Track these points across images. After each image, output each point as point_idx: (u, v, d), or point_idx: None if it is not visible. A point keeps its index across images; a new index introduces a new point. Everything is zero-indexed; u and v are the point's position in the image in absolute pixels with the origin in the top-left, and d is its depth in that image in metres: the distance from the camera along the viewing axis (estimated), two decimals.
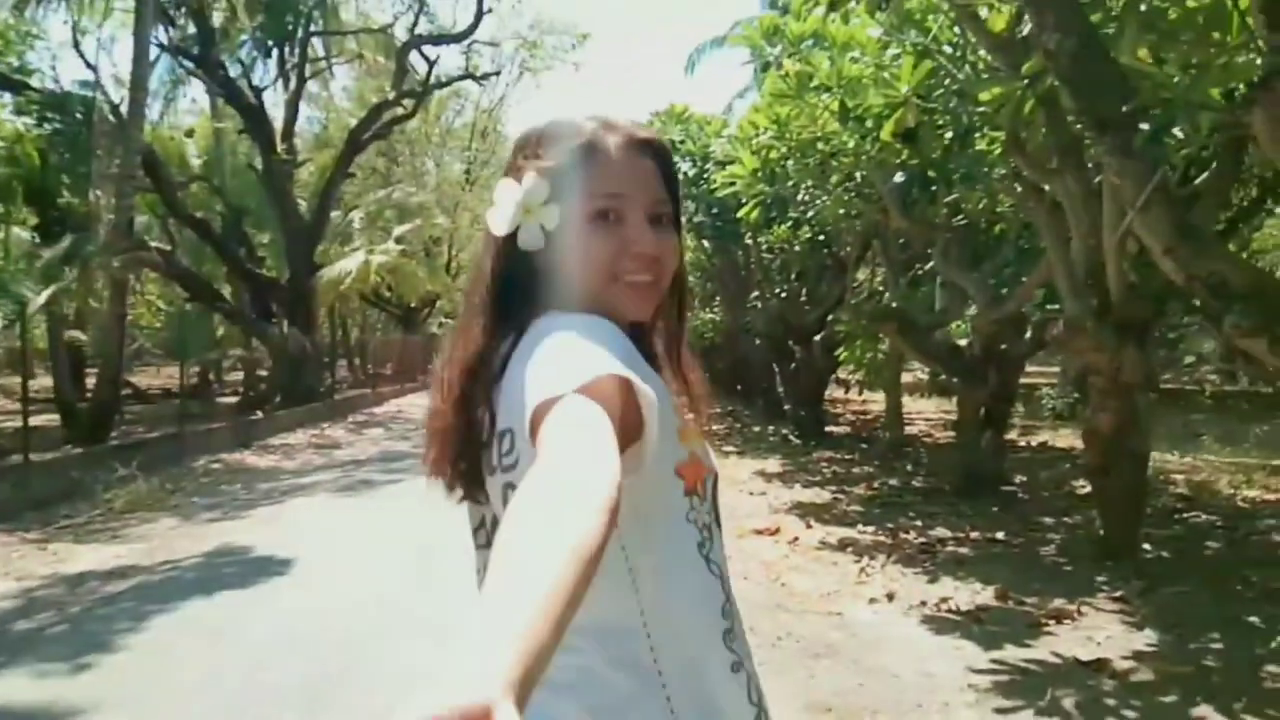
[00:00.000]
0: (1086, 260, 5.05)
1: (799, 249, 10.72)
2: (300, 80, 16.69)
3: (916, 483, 8.38)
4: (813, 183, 7.11)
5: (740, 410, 16.67)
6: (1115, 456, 5.22)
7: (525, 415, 0.80)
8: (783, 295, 12.88)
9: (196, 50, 14.39)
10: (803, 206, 7.85)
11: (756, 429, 12.93)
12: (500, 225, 0.98)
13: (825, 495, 7.82)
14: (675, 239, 1.02)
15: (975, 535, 6.07)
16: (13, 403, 9.16)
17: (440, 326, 27.55)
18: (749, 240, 11.75)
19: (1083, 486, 7.47)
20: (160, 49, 14.14)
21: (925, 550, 5.70)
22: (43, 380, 15.68)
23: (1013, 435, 10.20)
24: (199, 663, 3.71)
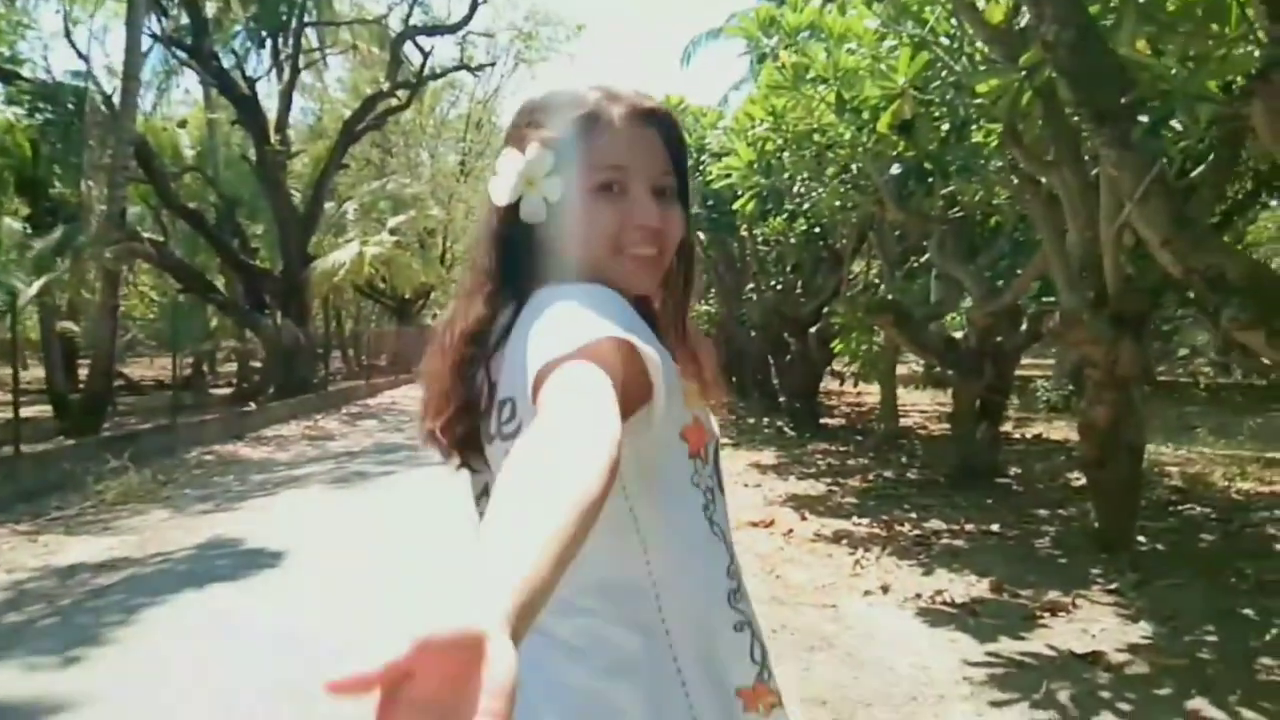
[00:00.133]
0: (1083, 252, 5.03)
1: (794, 241, 10.68)
2: (294, 71, 16.62)
3: (911, 475, 8.38)
4: (809, 174, 7.08)
5: (735, 402, 16.65)
6: (1111, 449, 5.22)
7: (528, 382, 0.79)
8: (778, 287, 12.86)
9: (189, 40, 14.30)
10: (798, 198, 7.81)
11: (751, 421, 12.92)
12: (502, 195, 0.97)
13: (820, 487, 7.81)
14: (679, 211, 1.00)
15: (970, 527, 6.06)
16: (4, 394, 9.10)
17: (435, 318, 27.43)
18: (744, 232, 11.71)
19: (1077, 479, 7.48)
20: (153, 39, 14.07)
21: (920, 542, 5.70)
22: (35, 371, 15.60)
23: (1007, 427, 10.22)
24: (190, 656, 3.69)
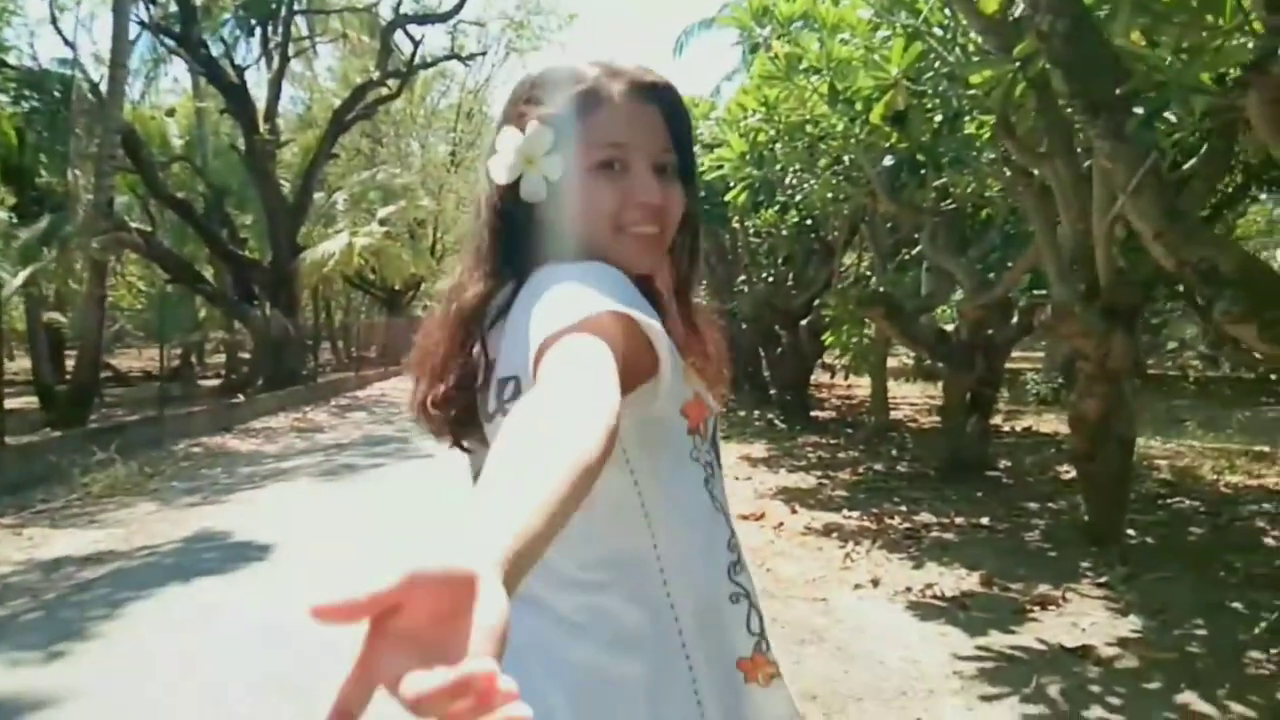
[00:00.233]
0: (1075, 245, 5.02)
1: (786, 233, 10.66)
2: (283, 59, 16.47)
3: (902, 468, 8.38)
4: (801, 166, 7.04)
5: (725, 394, 16.63)
6: (1101, 442, 5.21)
7: (529, 357, 0.78)
8: (769, 279, 12.83)
9: (178, 28, 14.14)
10: (790, 190, 7.78)
11: (742, 413, 12.91)
12: (502, 174, 0.96)
13: (810, 480, 7.81)
14: (679, 189, 0.99)
15: (960, 520, 6.06)
16: None
17: (425, 309, 27.37)
18: (736, 224, 11.68)
19: (1067, 471, 7.49)
20: (141, 26, 13.94)
21: (910, 535, 5.69)
22: (21, 362, 15.49)
23: (997, 420, 10.22)
24: (176, 651, 3.65)
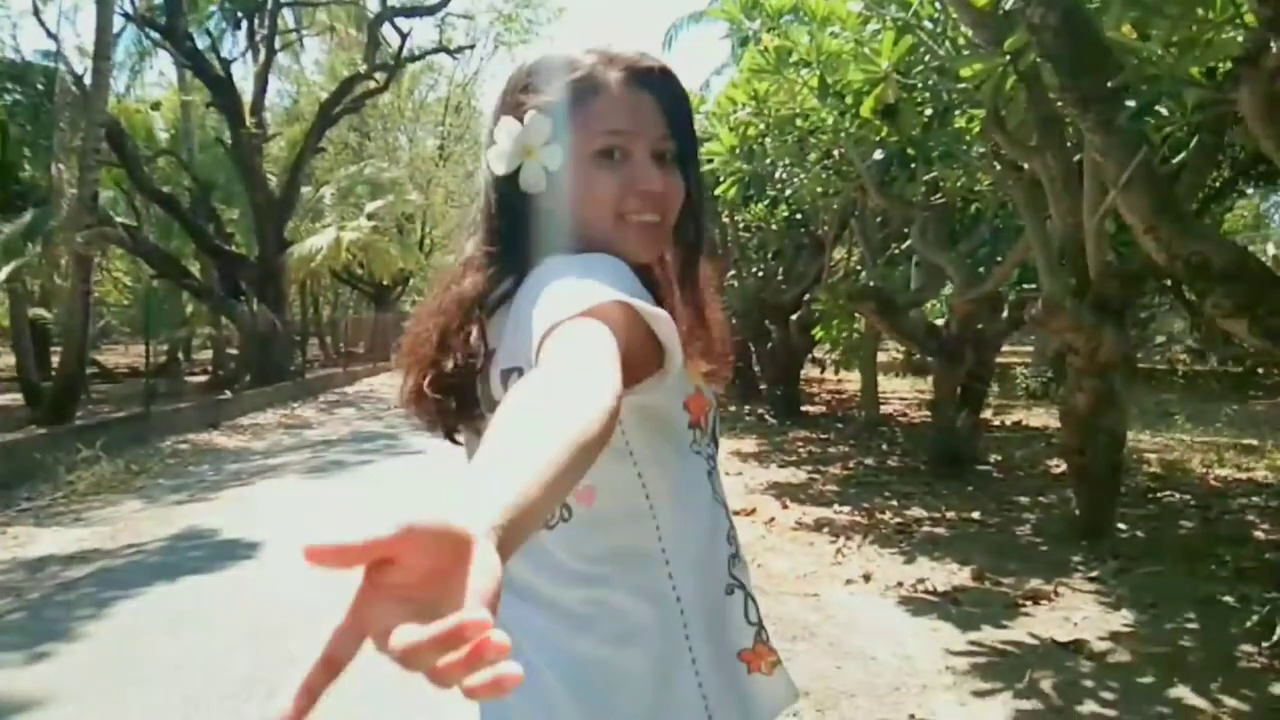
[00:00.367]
0: (1065, 239, 5.02)
1: (776, 227, 10.65)
2: (270, 52, 16.36)
3: (892, 462, 8.39)
4: (790, 160, 7.02)
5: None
6: (1091, 436, 5.22)
7: (533, 347, 0.77)
8: (759, 274, 12.82)
9: (163, 20, 13.99)
10: (780, 184, 7.76)
11: (732, 408, 12.89)
12: (500, 164, 0.95)
13: (801, 475, 7.80)
14: (679, 176, 0.98)
15: (951, 515, 6.06)
16: None
17: (413, 305, 27.26)
18: (726, 218, 11.66)
19: (1057, 466, 7.51)
20: (125, 18, 13.77)
21: (901, 530, 5.69)
22: (6, 359, 15.37)
23: (987, 414, 10.25)
24: (162, 651, 3.61)
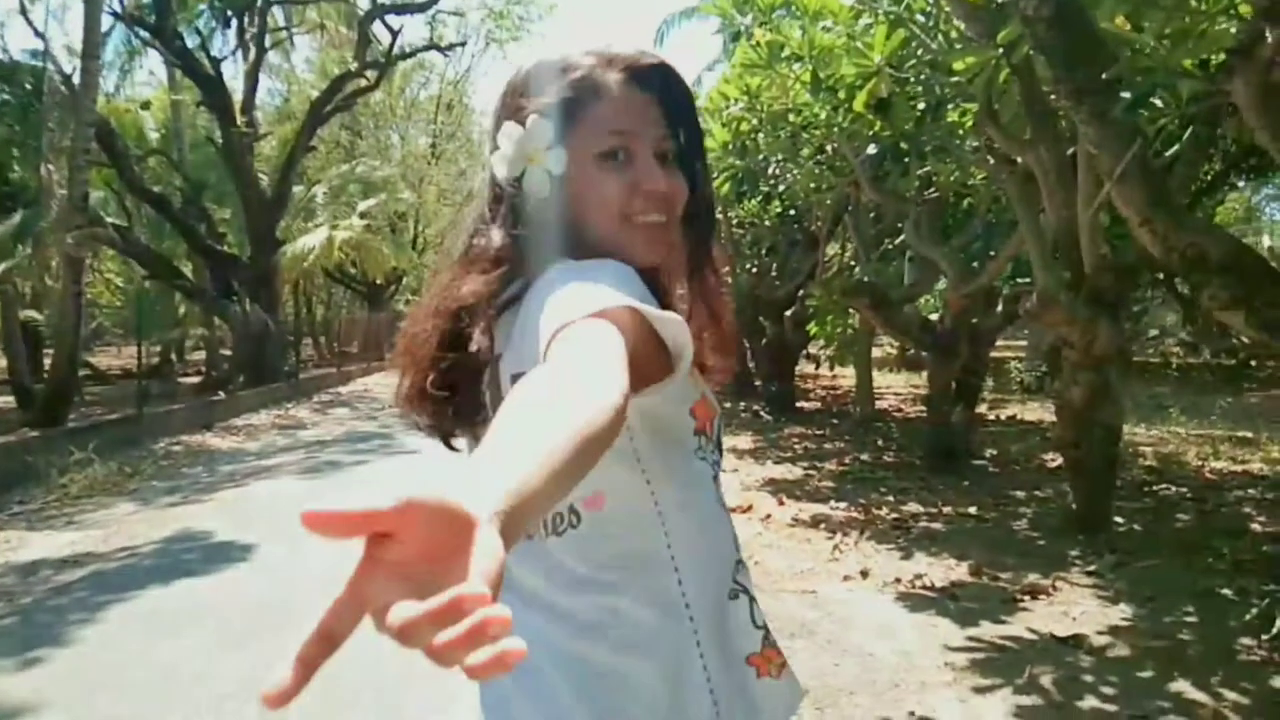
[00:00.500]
0: (1059, 233, 5.00)
1: (769, 223, 10.64)
2: (260, 51, 16.25)
3: (888, 458, 8.38)
4: (784, 155, 7.01)
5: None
6: (1087, 430, 5.21)
7: (540, 350, 0.76)
8: (753, 270, 12.79)
9: (152, 19, 13.90)
10: (774, 180, 7.75)
11: (727, 405, 12.88)
12: (503, 169, 0.94)
13: (797, 471, 7.78)
14: (681, 176, 0.97)
15: (947, 510, 6.05)
16: None
17: (407, 304, 27.22)
18: (719, 215, 11.63)
19: (1053, 460, 7.50)
20: (114, 17, 13.68)
21: (898, 526, 5.68)
22: None
23: (982, 409, 10.24)
24: (155, 655, 3.58)
